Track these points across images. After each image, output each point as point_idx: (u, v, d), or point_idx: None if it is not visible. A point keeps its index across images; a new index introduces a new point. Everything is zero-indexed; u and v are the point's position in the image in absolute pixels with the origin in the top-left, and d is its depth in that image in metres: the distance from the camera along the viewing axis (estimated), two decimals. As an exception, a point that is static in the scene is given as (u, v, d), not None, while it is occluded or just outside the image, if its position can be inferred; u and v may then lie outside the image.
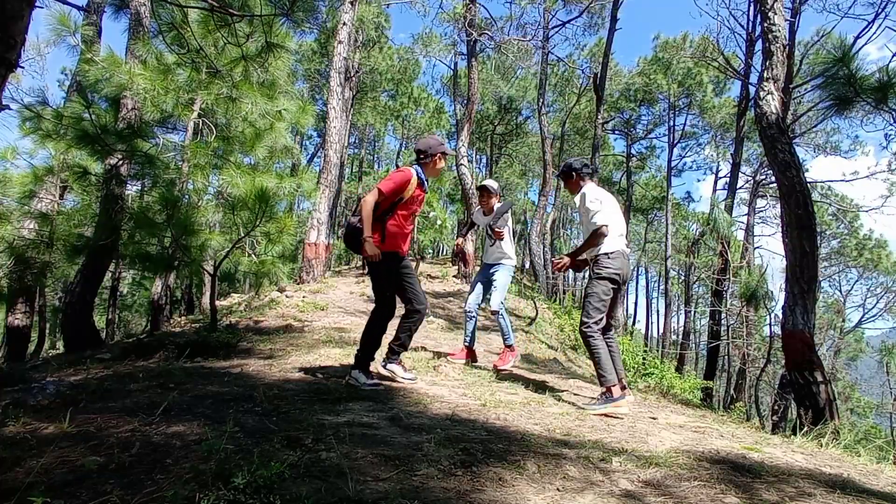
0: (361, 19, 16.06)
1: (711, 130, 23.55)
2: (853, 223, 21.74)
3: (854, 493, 1.97)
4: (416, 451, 2.06)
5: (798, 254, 4.97)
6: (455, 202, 29.80)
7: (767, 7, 5.51)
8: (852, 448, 3.23)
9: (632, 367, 9.78)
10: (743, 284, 8.08)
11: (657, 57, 22.22)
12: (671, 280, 26.15)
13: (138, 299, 17.21)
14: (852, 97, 4.52)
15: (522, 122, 26.40)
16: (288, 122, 6.16)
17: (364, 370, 3.36)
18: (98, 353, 4.79)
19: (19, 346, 7.31)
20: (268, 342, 4.81)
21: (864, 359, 23.74)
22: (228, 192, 5.64)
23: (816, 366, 4.77)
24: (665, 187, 25.22)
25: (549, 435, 2.52)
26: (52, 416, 2.14)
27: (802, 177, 5.10)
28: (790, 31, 10.66)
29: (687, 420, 3.29)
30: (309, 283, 10.38)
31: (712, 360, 14.39)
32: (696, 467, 2.14)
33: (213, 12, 3.42)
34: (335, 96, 11.06)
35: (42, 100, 5.35)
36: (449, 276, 14.80)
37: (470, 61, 13.73)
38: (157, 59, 5.64)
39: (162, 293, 8.22)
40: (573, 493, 1.78)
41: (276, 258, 5.91)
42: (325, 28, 18.40)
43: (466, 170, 13.52)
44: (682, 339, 21.70)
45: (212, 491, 1.48)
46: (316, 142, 27.95)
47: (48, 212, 6.60)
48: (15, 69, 1.72)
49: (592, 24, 18.72)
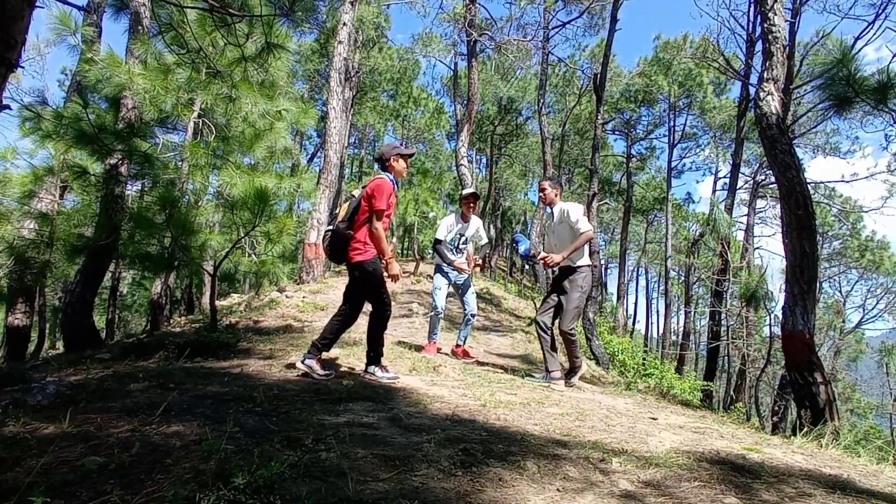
0: (361, 19, 16.08)
1: (711, 131, 23.56)
2: (856, 225, 21.75)
3: (854, 494, 1.96)
4: (416, 451, 2.06)
5: (798, 254, 4.96)
6: (455, 202, 29.81)
7: (767, 8, 5.51)
8: (852, 449, 3.23)
9: (632, 367, 9.78)
10: (743, 285, 8.07)
11: (658, 57, 22.22)
12: (671, 280, 26.16)
13: (138, 299, 17.22)
14: (852, 98, 4.52)
15: (522, 122, 26.38)
16: (288, 122, 6.15)
17: (379, 365, 3.56)
18: (98, 353, 4.78)
19: (19, 345, 7.30)
20: (268, 342, 4.81)
21: (864, 359, 23.73)
22: (228, 192, 5.64)
23: (816, 366, 4.76)
24: (665, 188, 25.23)
25: (549, 435, 2.52)
26: (52, 416, 2.14)
27: (802, 177, 5.10)
28: (790, 31, 10.65)
29: (687, 420, 3.29)
30: (309, 283, 10.38)
31: (712, 360, 14.38)
32: (696, 468, 2.14)
33: (212, 12, 3.42)
34: (335, 96, 11.07)
35: (42, 100, 5.36)
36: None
37: (470, 62, 13.72)
38: (157, 59, 5.64)
39: (162, 293, 8.21)
40: (573, 493, 1.78)
41: (276, 258, 5.91)
42: (325, 28, 18.42)
43: (466, 170, 13.52)
44: (682, 339, 21.70)
45: (212, 491, 1.48)
46: (316, 142, 27.96)
47: (48, 212, 6.60)
48: (15, 69, 1.72)
49: (593, 25, 18.69)
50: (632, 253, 32.73)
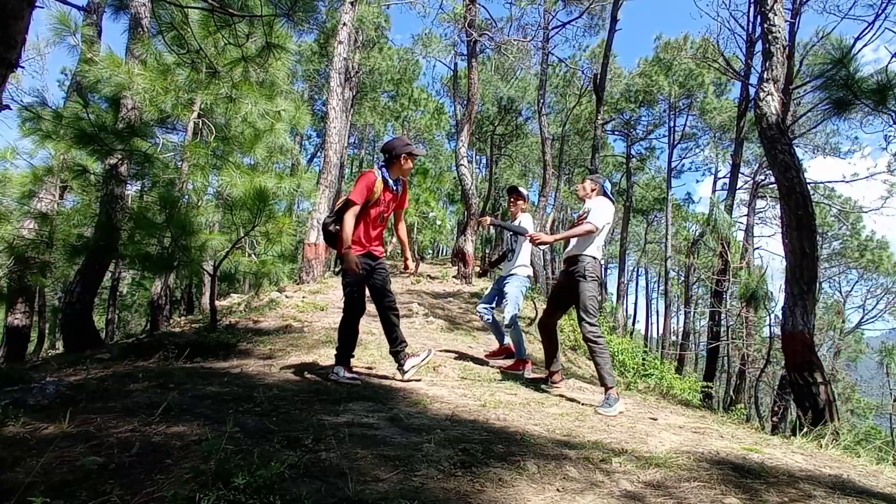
0: (361, 20, 16.07)
1: (711, 131, 23.56)
2: (855, 225, 21.75)
3: (854, 494, 1.97)
4: (416, 451, 2.06)
5: (798, 255, 4.97)
6: (455, 202, 29.80)
7: (767, 8, 5.51)
8: (852, 449, 3.23)
9: (631, 367, 9.77)
10: (742, 285, 8.07)
11: (658, 58, 22.22)
12: (671, 281, 26.16)
13: (138, 299, 17.22)
14: (851, 99, 4.52)
15: (522, 122, 26.38)
16: (287, 122, 6.16)
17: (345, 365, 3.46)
18: (98, 353, 4.78)
19: (19, 346, 7.30)
20: (267, 342, 4.80)
21: (864, 360, 23.73)
22: (228, 192, 5.64)
23: (816, 367, 4.77)
24: (665, 188, 25.23)
25: (549, 435, 2.52)
26: (52, 416, 2.14)
27: (802, 178, 5.10)
28: (790, 32, 10.65)
29: (687, 421, 3.29)
30: (309, 283, 10.38)
31: (712, 360, 14.38)
32: (696, 468, 2.14)
33: (213, 13, 3.42)
34: (335, 96, 11.06)
35: (42, 100, 5.35)
36: (449, 276, 14.80)
37: (470, 62, 13.72)
38: (157, 59, 5.64)
39: (161, 293, 8.21)
40: (573, 493, 1.78)
41: (276, 258, 5.91)
42: (325, 28, 18.40)
43: (466, 170, 13.52)
44: (682, 339, 21.71)
45: (212, 491, 1.48)
46: (316, 142, 27.95)
47: (48, 212, 6.60)
48: (15, 69, 1.72)
49: (593, 25, 18.70)
50: (632, 253, 32.73)
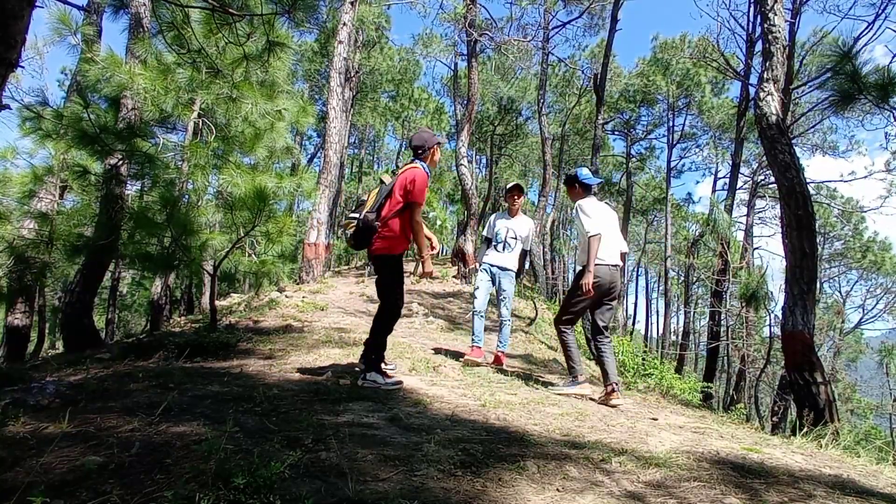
0: (361, 20, 16.05)
1: (710, 131, 23.54)
2: (858, 226, 21.72)
3: (854, 494, 1.97)
4: (416, 451, 2.06)
5: (798, 255, 4.97)
6: (455, 202, 29.78)
7: (767, 8, 5.51)
8: (852, 449, 3.24)
9: (631, 367, 9.76)
10: (742, 285, 8.07)
11: (656, 58, 22.21)
12: (671, 280, 26.15)
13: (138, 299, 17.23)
14: (855, 93, 4.52)
15: (522, 122, 26.37)
16: (288, 121, 6.15)
17: (378, 370, 3.36)
18: (98, 353, 4.78)
19: (19, 345, 7.29)
20: (267, 342, 4.80)
21: (864, 360, 23.74)
22: (228, 192, 5.63)
23: (816, 367, 4.77)
24: (665, 188, 25.22)
25: (549, 435, 2.52)
26: (52, 416, 2.14)
27: (802, 177, 5.10)
28: (790, 32, 10.66)
29: (687, 421, 3.29)
30: (309, 283, 10.38)
31: (712, 360, 14.39)
32: (697, 468, 2.14)
33: (213, 12, 3.42)
34: (335, 96, 11.06)
35: (42, 100, 5.34)
36: (449, 276, 14.80)
37: (470, 62, 13.73)
38: (157, 59, 5.63)
39: (162, 293, 8.21)
40: (573, 493, 1.78)
41: (276, 258, 5.90)
42: (326, 28, 18.41)
43: (466, 170, 13.52)
44: (682, 339, 21.68)
45: (212, 491, 1.48)
46: (316, 142, 27.95)
47: (48, 211, 6.59)
48: (15, 69, 1.72)
49: (593, 25, 18.70)
50: (631, 253, 32.72)
